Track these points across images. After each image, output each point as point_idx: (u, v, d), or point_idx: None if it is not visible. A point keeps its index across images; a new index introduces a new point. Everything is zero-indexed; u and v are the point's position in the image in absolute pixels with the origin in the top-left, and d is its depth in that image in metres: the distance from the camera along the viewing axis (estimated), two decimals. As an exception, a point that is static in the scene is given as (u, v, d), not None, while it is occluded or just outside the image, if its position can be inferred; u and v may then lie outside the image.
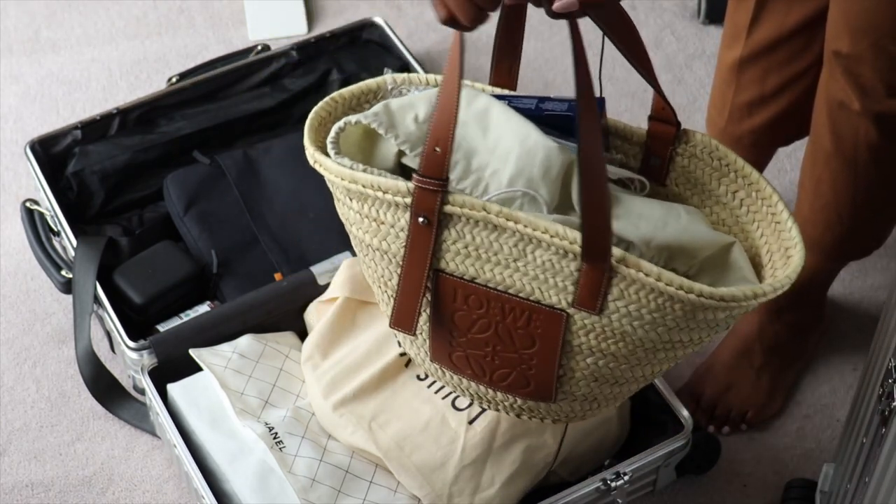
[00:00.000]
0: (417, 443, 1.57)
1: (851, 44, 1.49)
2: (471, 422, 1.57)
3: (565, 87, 2.19)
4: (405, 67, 2.07)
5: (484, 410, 1.57)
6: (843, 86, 1.53)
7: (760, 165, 1.88)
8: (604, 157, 1.26)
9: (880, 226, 1.71)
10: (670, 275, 1.26)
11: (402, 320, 1.39)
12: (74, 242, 1.84)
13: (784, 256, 1.36)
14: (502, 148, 1.36)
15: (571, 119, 1.39)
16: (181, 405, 1.67)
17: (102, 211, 1.95)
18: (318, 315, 1.73)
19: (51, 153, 1.95)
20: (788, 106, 1.73)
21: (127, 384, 1.82)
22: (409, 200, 1.31)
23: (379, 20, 2.12)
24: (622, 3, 1.27)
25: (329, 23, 2.29)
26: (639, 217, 1.35)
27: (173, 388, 1.69)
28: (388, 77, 1.49)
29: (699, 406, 1.81)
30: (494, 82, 1.45)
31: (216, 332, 1.73)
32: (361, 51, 2.11)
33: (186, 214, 1.89)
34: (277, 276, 1.82)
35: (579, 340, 1.33)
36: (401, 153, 1.41)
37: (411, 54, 2.08)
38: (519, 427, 1.58)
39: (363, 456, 1.60)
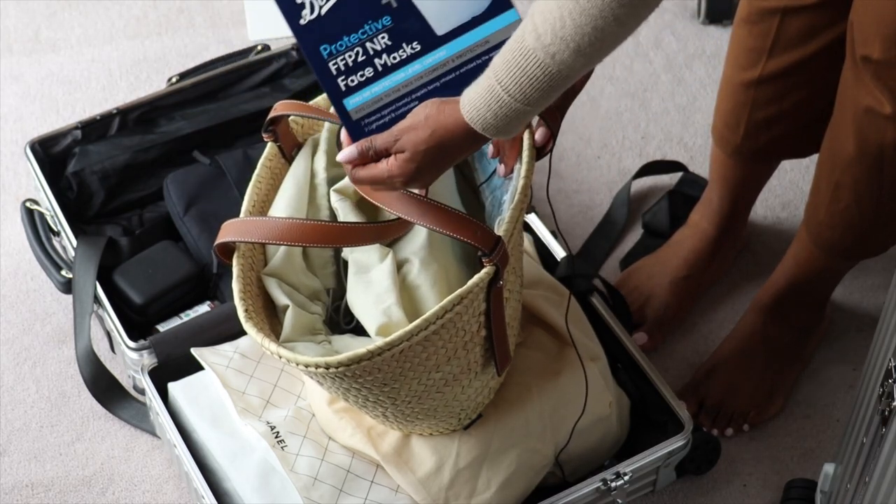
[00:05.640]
0: (414, 450, 1.57)
1: (884, 49, 1.46)
2: (466, 427, 1.57)
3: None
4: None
5: (480, 416, 1.57)
6: (872, 90, 1.50)
7: (766, 177, 1.88)
8: None
9: None
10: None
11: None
12: (74, 242, 1.83)
13: None
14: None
15: None
16: (182, 403, 1.67)
17: (102, 211, 1.95)
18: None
19: (51, 153, 1.95)
20: (811, 118, 1.71)
21: (127, 384, 1.82)
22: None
23: (379, 20, 2.12)
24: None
25: (329, 23, 2.29)
26: None
27: (174, 387, 1.69)
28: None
29: (703, 408, 1.80)
30: None
31: (216, 332, 1.73)
32: (361, 51, 2.11)
33: (186, 214, 1.89)
34: (277, 276, 1.82)
35: None
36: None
37: (411, 54, 2.07)
38: (515, 431, 1.58)
39: (363, 457, 1.60)
